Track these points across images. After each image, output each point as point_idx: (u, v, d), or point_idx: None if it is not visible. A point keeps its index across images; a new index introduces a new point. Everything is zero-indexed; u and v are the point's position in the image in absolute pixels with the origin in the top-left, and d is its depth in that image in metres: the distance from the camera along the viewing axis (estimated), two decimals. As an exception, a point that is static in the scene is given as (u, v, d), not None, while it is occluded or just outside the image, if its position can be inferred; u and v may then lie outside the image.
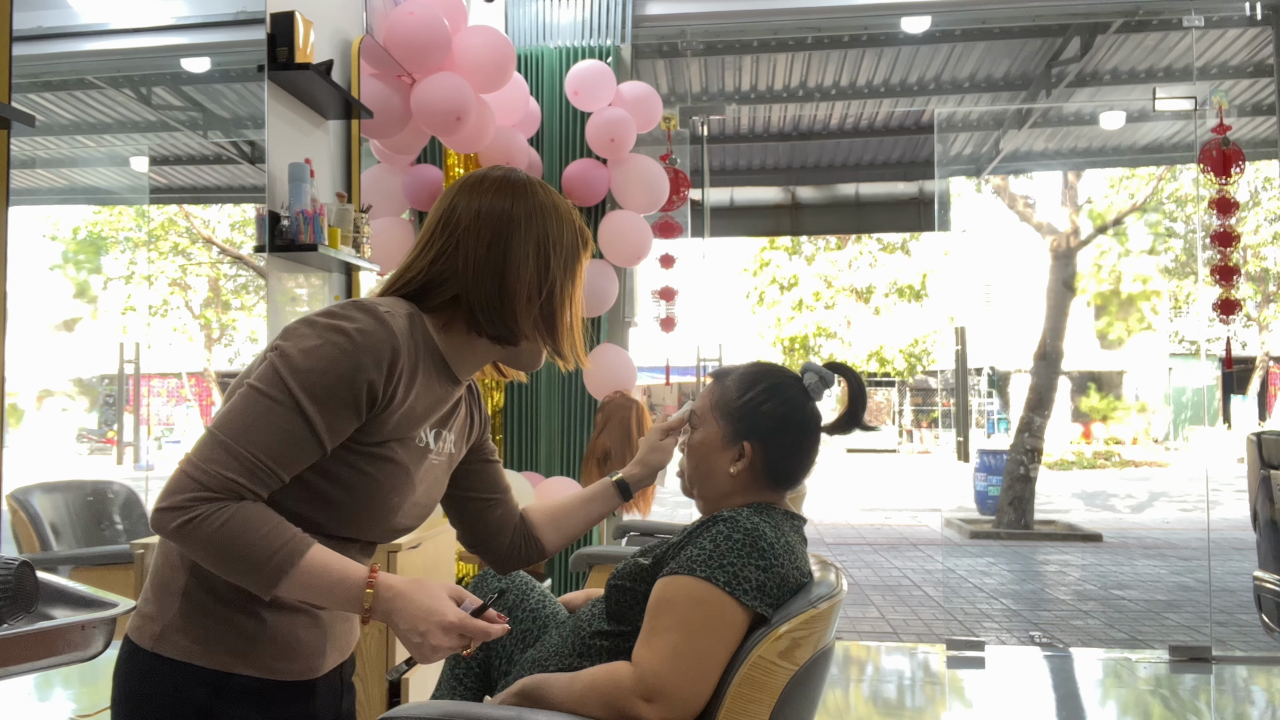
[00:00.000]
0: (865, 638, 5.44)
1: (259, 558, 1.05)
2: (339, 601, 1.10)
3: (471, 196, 1.24)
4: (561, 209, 1.27)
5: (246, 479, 1.05)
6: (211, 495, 1.03)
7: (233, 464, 1.05)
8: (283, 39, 2.59)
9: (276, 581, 1.06)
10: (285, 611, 1.17)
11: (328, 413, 1.08)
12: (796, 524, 1.51)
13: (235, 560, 1.05)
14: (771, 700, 1.29)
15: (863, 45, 5.88)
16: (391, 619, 1.11)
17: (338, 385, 1.08)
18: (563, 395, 4.25)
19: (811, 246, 21.86)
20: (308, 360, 1.08)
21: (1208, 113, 4.61)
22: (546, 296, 1.23)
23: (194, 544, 1.04)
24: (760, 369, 1.58)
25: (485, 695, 1.66)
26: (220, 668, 1.13)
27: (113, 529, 2.42)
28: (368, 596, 1.09)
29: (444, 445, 1.30)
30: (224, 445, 1.05)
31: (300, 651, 1.19)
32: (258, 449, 1.06)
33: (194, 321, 2.95)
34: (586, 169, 4.10)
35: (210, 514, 1.03)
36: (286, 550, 1.06)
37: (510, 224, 1.22)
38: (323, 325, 1.11)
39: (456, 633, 1.11)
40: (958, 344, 7.54)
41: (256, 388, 1.08)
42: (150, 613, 1.15)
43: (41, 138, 2.35)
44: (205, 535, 1.03)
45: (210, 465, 1.04)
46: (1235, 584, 6.89)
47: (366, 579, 1.10)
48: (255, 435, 1.06)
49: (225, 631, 1.13)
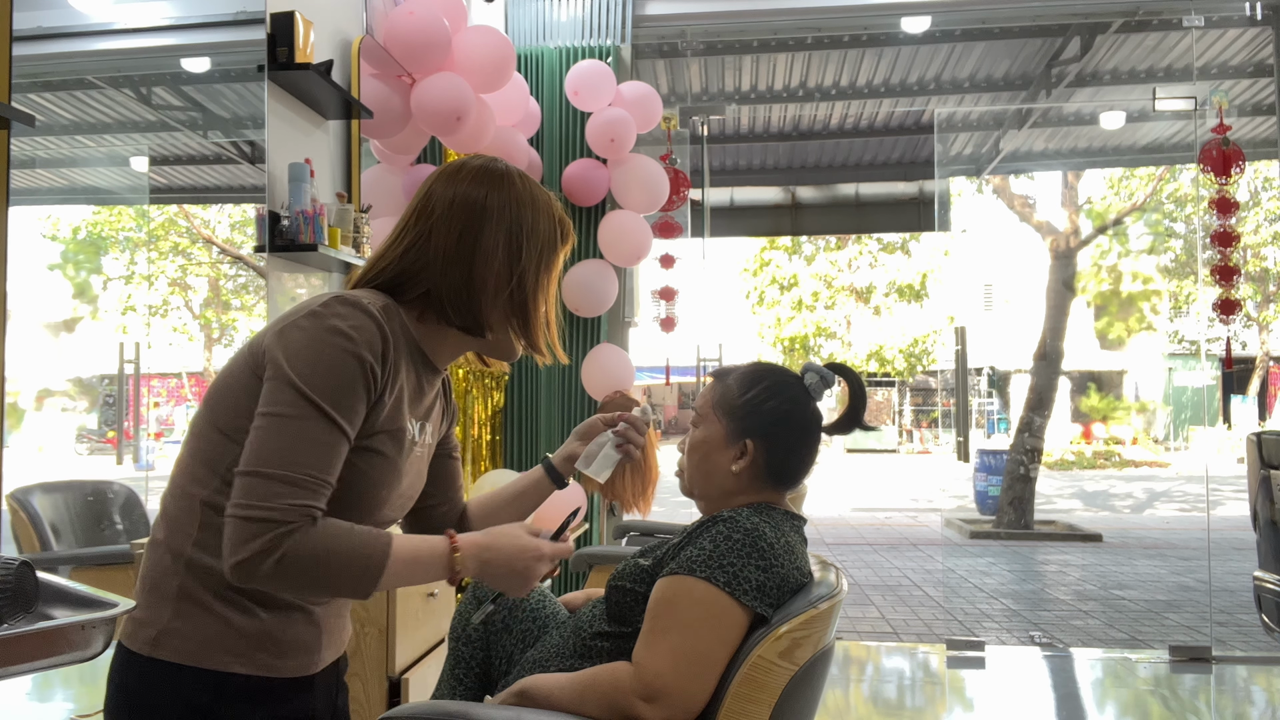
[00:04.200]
0: (865, 638, 5.44)
1: (357, 569, 1.08)
2: (430, 577, 1.14)
3: (448, 185, 1.24)
4: (540, 200, 1.27)
5: (312, 499, 1.07)
6: (290, 526, 1.04)
7: (295, 491, 1.05)
8: (283, 39, 2.59)
9: (376, 583, 1.09)
10: (281, 610, 1.17)
11: (348, 410, 1.10)
12: (796, 524, 1.51)
13: (334, 578, 1.07)
14: (771, 700, 1.29)
15: (863, 45, 5.88)
16: (486, 570, 1.17)
17: (349, 383, 1.10)
18: (563, 395, 4.25)
19: (811, 246, 21.86)
20: (315, 369, 1.09)
21: (1208, 113, 4.61)
22: (517, 286, 1.23)
23: (291, 578, 1.05)
24: (762, 368, 1.58)
25: (485, 695, 1.66)
26: (219, 668, 1.13)
27: (113, 529, 2.42)
28: (456, 561, 1.15)
29: (425, 436, 1.31)
30: (276, 477, 1.05)
31: (297, 649, 1.19)
32: (309, 468, 1.07)
33: (194, 321, 2.95)
34: (586, 169, 4.10)
35: (296, 545, 1.04)
36: (376, 552, 1.09)
37: (483, 212, 1.22)
38: (317, 329, 1.11)
39: (549, 560, 1.21)
40: (958, 344, 7.54)
41: (278, 414, 1.08)
42: (143, 617, 1.15)
43: (41, 138, 2.35)
44: (302, 566, 1.05)
45: (274, 500, 1.04)
46: (1235, 584, 6.89)
47: (450, 547, 1.15)
48: (300, 456, 1.07)
49: (223, 631, 1.13)
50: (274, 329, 1.14)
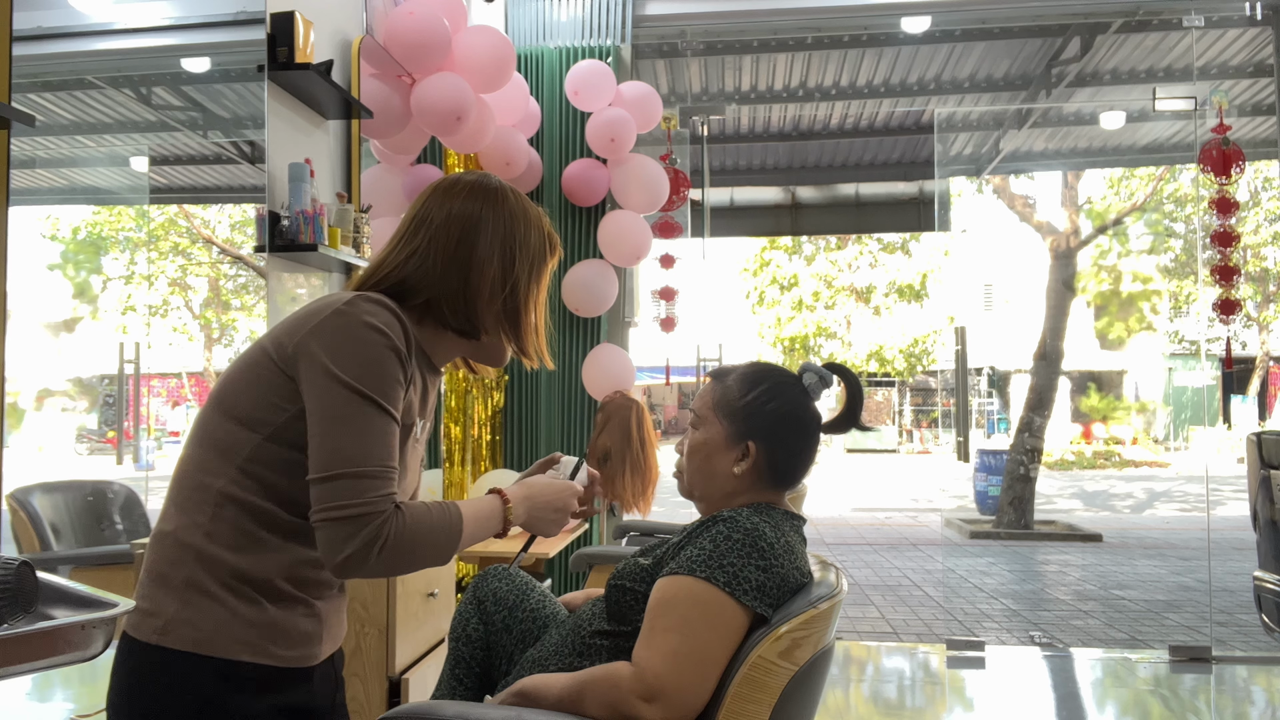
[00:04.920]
0: (865, 638, 5.44)
1: (443, 539, 1.20)
2: (488, 533, 1.29)
3: (445, 198, 1.33)
4: (531, 215, 1.37)
5: (390, 487, 1.16)
6: (384, 516, 1.13)
7: (375, 483, 1.14)
8: (283, 39, 2.59)
9: (456, 547, 1.22)
10: (285, 601, 1.22)
11: (394, 400, 1.19)
12: (796, 524, 1.51)
13: (428, 551, 1.19)
14: (771, 700, 1.29)
15: (863, 45, 5.88)
16: (533, 513, 1.35)
17: (392, 375, 1.19)
18: (563, 395, 4.25)
19: (811, 246, 21.85)
20: (363, 366, 1.17)
21: (1208, 113, 4.61)
22: (510, 293, 1.32)
23: (393, 561, 1.15)
24: (761, 369, 1.58)
25: (485, 695, 1.66)
26: (228, 656, 1.16)
27: (113, 529, 2.41)
28: (509, 511, 1.31)
29: (423, 433, 1.38)
30: (358, 474, 1.13)
31: (300, 640, 1.23)
32: (381, 460, 1.16)
33: (194, 321, 2.95)
34: (586, 169, 4.10)
35: (394, 531, 1.14)
36: (454, 520, 1.22)
37: (478, 224, 1.32)
38: (353, 326, 1.18)
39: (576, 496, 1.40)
40: (958, 344, 7.54)
41: (340, 416, 1.15)
42: (150, 608, 1.18)
43: (41, 138, 2.35)
44: (403, 548, 1.15)
45: (364, 495, 1.13)
46: (1235, 584, 6.89)
47: (503, 502, 1.31)
48: (372, 450, 1.15)
49: (231, 621, 1.17)
50: (303, 329, 1.20)
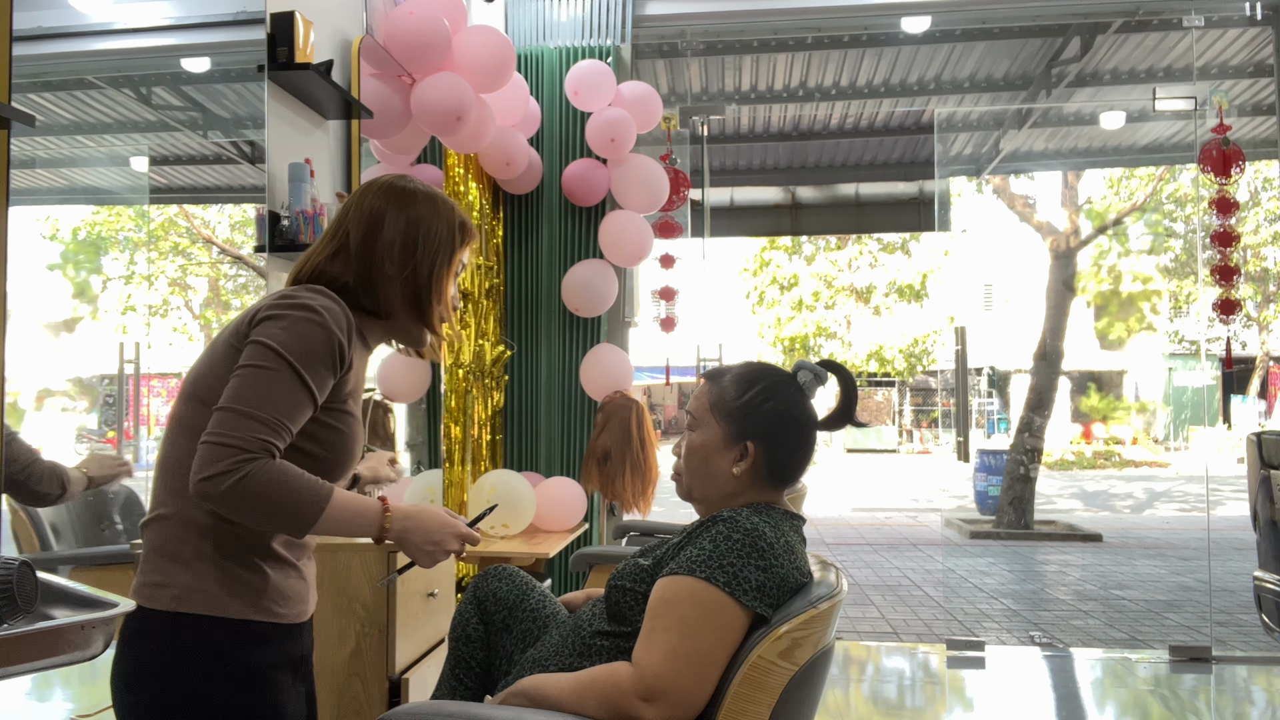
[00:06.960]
0: (865, 638, 5.44)
1: (301, 503, 1.24)
2: (360, 532, 1.33)
3: (360, 199, 1.47)
4: (440, 206, 1.48)
5: (274, 437, 1.24)
6: (252, 455, 1.21)
7: (261, 427, 1.23)
8: (283, 39, 2.59)
9: (314, 521, 1.26)
10: (280, 565, 1.36)
11: (315, 374, 1.29)
12: (796, 524, 1.51)
13: (280, 508, 1.23)
14: (771, 700, 1.29)
15: (863, 45, 5.88)
16: (406, 536, 1.38)
17: (318, 350, 1.30)
18: (563, 395, 4.25)
19: (811, 246, 21.84)
20: (290, 335, 1.28)
21: (1208, 113, 4.61)
22: (410, 275, 1.43)
23: (244, 500, 1.21)
24: (755, 369, 1.58)
25: (485, 695, 1.66)
26: (239, 616, 1.31)
27: (113, 529, 2.41)
28: (387, 519, 1.35)
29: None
30: (247, 414, 1.23)
31: (294, 599, 1.39)
32: (276, 411, 1.25)
33: (194, 321, 2.95)
34: (586, 169, 4.10)
35: (255, 471, 1.20)
36: (319, 494, 1.26)
37: (382, 218, 1.45)
38: (289, 306, 1.31)
39: (463, 540, 1.42)
40: (958, 344, 7.53)
41: (256, 366, 1.26)
42: (160, 580, 1.30)
43: (41, 138, 2.35)
44: (255, 490, 1.20)
45: (243, 432, 1.22)
46: (1235, 584, 6.90)
47: (383, 508, 1.36)
48: (269, 401, 1.24)
49: (238, 585, 1.31)
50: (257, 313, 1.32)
